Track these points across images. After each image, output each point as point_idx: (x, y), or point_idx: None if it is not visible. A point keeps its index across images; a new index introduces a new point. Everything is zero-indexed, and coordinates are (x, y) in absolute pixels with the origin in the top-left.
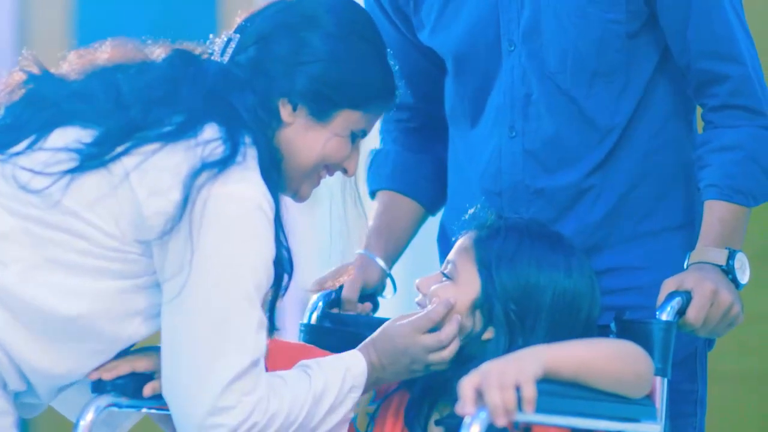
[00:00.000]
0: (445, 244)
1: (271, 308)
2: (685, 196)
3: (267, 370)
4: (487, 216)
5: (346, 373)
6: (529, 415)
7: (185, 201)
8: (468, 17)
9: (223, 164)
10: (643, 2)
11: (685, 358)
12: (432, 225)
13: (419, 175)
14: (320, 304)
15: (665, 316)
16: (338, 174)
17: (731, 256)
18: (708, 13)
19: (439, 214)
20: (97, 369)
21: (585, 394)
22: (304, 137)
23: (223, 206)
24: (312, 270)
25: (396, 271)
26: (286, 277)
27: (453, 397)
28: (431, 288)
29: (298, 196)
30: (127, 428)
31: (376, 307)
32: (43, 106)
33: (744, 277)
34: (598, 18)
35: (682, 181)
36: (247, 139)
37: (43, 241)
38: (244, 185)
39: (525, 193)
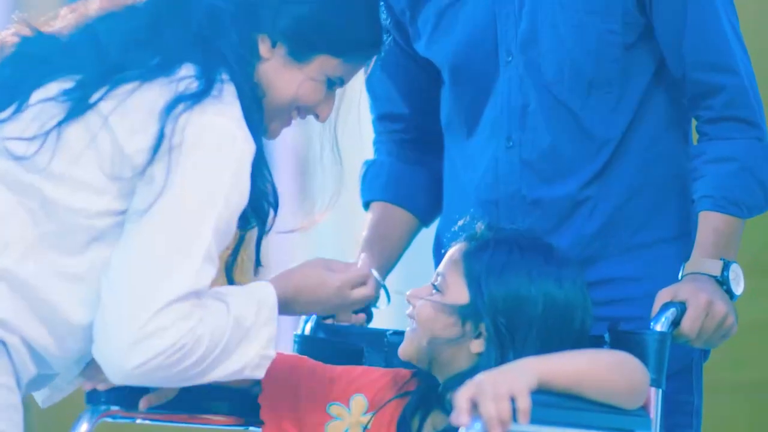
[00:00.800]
0: (439, 254)
1: (258, 245)
2: (680, 208)
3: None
4: (477, 227)
5: (260, 303)
6: (524, 426)
7: (162, 131)
8: (465, 27)
9: (197, 97)
10: (639, 13)
11: (681, 369)
12: (425, 235)
13: (413, 186)
14: (314, 316)
15: (660, 326)
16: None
17: (726, 267)
18: (704, 24)
19: (434, 225)
20: (92, 379)
21: (580, 405)
22: (279, 75)
23: (200, 135)
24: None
25: (390, 281)
26: (271, 212)
27: (446, 409)
28: (419, 302)
29: (267, 134)
30: (68, 391)
31: (369, 317)
32: (31, 65)
33: (738, 288)
34: (595, 28)
35: (677, 192)
36: (225, 76)
37: (41, 219)
38: (221, 118)
39: (521, 204)
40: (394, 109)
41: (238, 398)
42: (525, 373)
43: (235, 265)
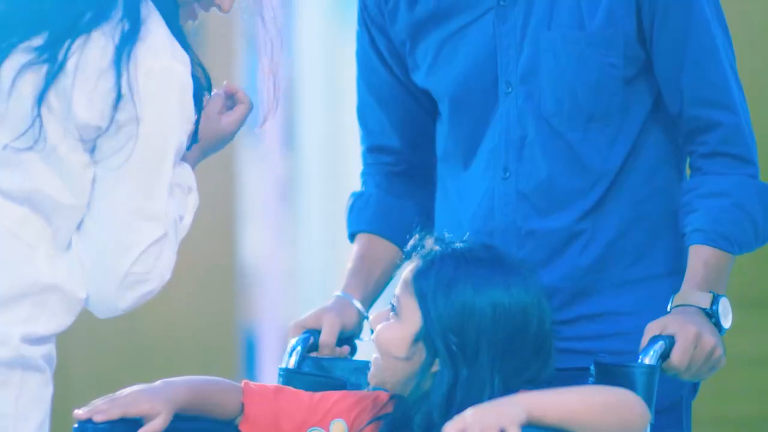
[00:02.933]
0: None
1: (196, 125)
2: (674, 244)
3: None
4: (427, 243)
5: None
6: None
7: (118, 77)
8: (466, 58)
9: (131, 41)
10: (640, 47)
11: (670, 405)
12: None
13: (400, 219)
14: (299, 347)
15: (648, 360)
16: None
17: (715, 300)
18: (704, 61)
19: None
20: (88, 408)
21: None
22: None
23: (146, 80)
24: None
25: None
26: (206, 94)
27: None
28: (378, 327)
29: None
30: None
31: (353, 350)
32: None
33: (726, 322)
34: (596, 61)
35: (671, 228)
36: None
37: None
38: (159, 56)
39: (516, 235)
40: (386, 142)
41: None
42: (514, 407)
43: None
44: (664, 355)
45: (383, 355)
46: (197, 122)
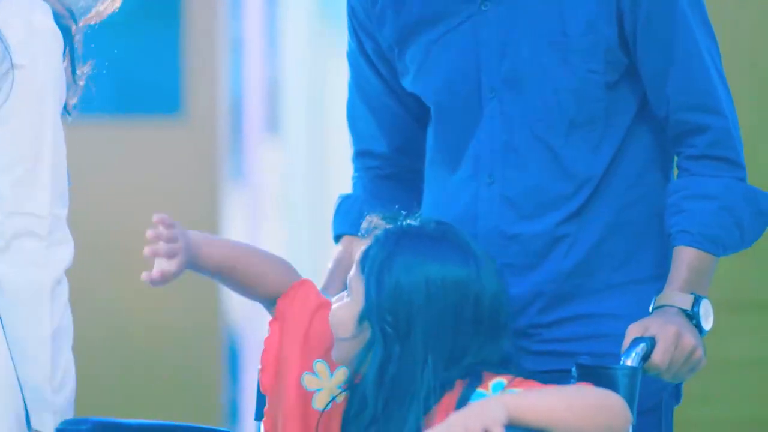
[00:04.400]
0: None
1: (72, 63)
2: (660, 248)
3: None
4: (374, 221)
5: None
6: None
7: None
8: (449, 64)
9: None
10: (622, 53)
11: (650, 407)
12: None
13: None
14: None
15: (630, 361)
16: None
17: (697, 301)
18: (688, 66)
19: None
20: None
21: None
22: None
23: (16, 45)
24: None
25: None
26: (74, 26)
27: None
28: (333, 307)
29: None
30: None
31: None
32: None
33: (707, 324)
34: (578, 67)
35: (657, 232)
36: None
37: None
38: (19, 17)
39: (499, 239)
40: (374, 147)
41: None
42: (496, 407)
43: None
44: (646, 357)
45: (336, 335)
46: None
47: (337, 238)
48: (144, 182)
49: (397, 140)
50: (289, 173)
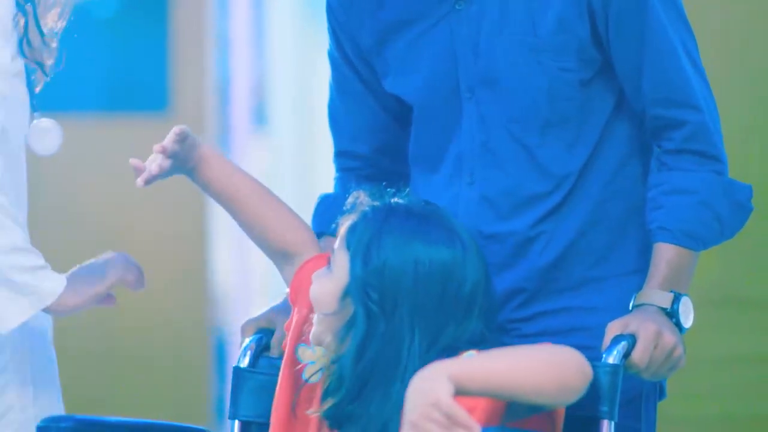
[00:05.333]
0: None
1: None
2: (639, 242)
3: None
4: (360, 198)
5: None
6: None
7: None
8: (428, 63)
9: None
10: (596, 50)
11: (630, 399)
12: None
13: None
14: (253, 347)
15: (612, 359)
16: None
17: (676, 299)
18: (661, 62)
19: None
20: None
21: None
22: None
23: None
24: None
25: None
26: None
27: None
28: (313, 282)
29: None
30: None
31: None
32: None
33: (687, 322)
34: (550, 66)
35: (636, 226)
36: None
37: None
38: None
39: (478, 239)
40: (354, 147)
41: None
42: (439, 381)
43: None
44: (626, 355)
45: (316, 311)
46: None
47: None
48: (132, 178)
49: (377, 141)
50: (275, 169)
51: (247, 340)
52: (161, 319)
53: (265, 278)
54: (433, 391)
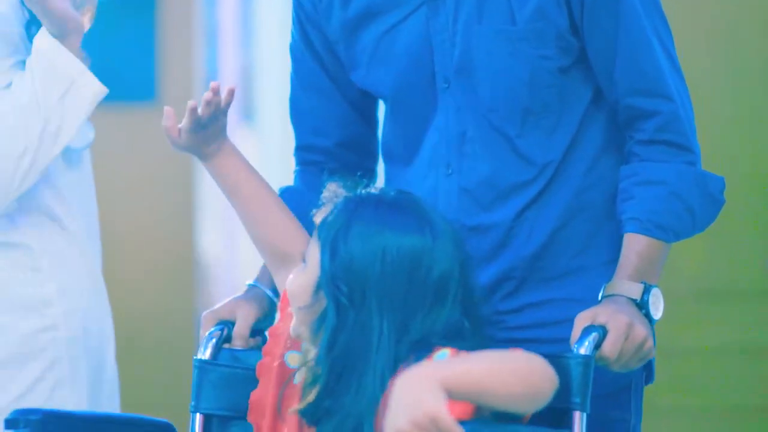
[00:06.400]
0: None
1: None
2: (619, 231)
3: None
4: (333, 189)
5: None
6: None
7: None
8: (401, 56)
9: None
10: (574, 37)
11: (619, 388)
12: None
13: None
14: (214, 339)
15: (583, 350)
16: None
17: (647, 290)
18: (634, 52)
19: None
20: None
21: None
22: None
23: None
24: None
25: None
26: None
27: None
28: (290, 276)
29: None
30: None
31: (264, 341)
32: None
33: (657, 313)
34: (529, 55)
35: (615, 216)
36: None
37: None
38: None
39: (460, 231)
40: (317, 141)
41: (156, 430)
42: (431, 395)
43: None
44: (597, 346)
45: (293, 305)
46: None
47: None
48: (118, 168)
49: (340, 135)
50: (263, 161)
51: (207, 332)
52: (148, 302)
53: (252, 261)
54: (428, 401)
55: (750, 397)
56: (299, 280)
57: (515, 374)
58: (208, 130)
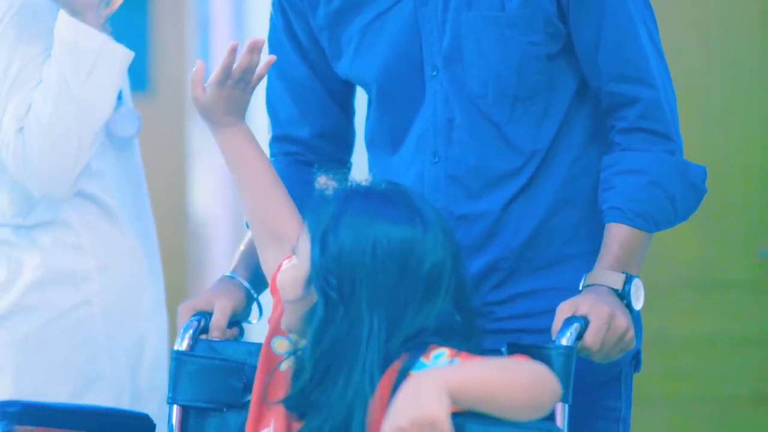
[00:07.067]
0: None
1: None
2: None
3: None
4: (322, 182)
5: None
6: None
7: None
8: (389, 44)
9: None
10: (561, 23)
11: (610, 378)
12: None
13: (299, 207)
14: (191, 330)
15: (565, 341)
16: None
17: (628, 280)
18: (619, 37)
19: None
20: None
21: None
22: None
23: None
24: None
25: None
26: None
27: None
28: (281, 269)
29: None
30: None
31: (241, 332)
32: None
33: (638, 304)
34: (518, 41)
35: None
36: None
37: None
38: None
39: (449, 219)
40: (294, 132)
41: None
42: (436, 396)
43: None
44: (579, 336)
45: (284, 298)
46: None
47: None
48: None
49: (319, 125)
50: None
51: (184, 324)
52: None
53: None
54: (431, 404)
55: (743, 386)
56: (290, 274)
57: (520, 385)
58: (231, 92)
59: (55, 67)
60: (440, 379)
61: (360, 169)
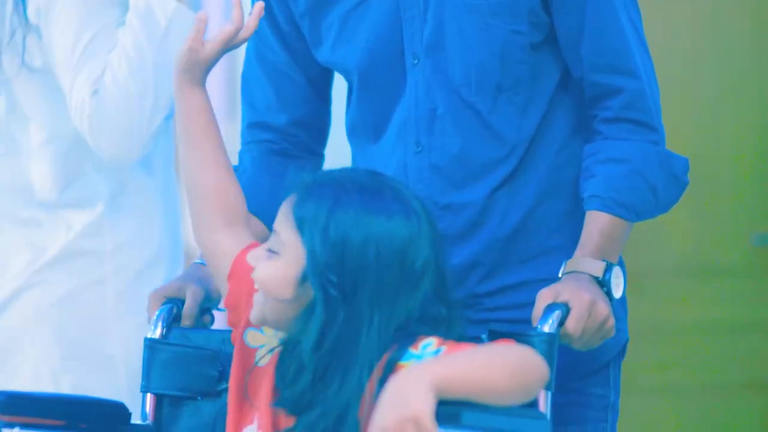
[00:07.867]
0: None
1: None
2: None
3: None
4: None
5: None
6: None
7: None
8: (370, 31)
9: None
10: (545, 13)
11: (599, 367)
12: None
13: (271, 196)
14: (163, 318)
15: (547, 328)
16: None
17: (608, 268)
18: (602, 26)
19: None
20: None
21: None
22: None
23: None
24: None
25: None
26: None
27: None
28: (259, 264)
29: None
30: None
31: (212, 320)
32: None
33: (618, 292)
34: (501, 30)
35: None
36: None
37: None
38: None
39: (432, 209)
40: (270, 119)
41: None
42: (422, 396)
43: None
44: (560, 324)
45: (266, 295)
46: None
47: None
48: None
49: (296, 113)
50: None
51: (156, 311)
52: None
53: None
54: (414, 404)
55: (736, 373)
56: (277, 272)
57: (508, 371)
58: (219, 56)
59: (129, 32)
60: (426, 374)
61: (336, 160)
